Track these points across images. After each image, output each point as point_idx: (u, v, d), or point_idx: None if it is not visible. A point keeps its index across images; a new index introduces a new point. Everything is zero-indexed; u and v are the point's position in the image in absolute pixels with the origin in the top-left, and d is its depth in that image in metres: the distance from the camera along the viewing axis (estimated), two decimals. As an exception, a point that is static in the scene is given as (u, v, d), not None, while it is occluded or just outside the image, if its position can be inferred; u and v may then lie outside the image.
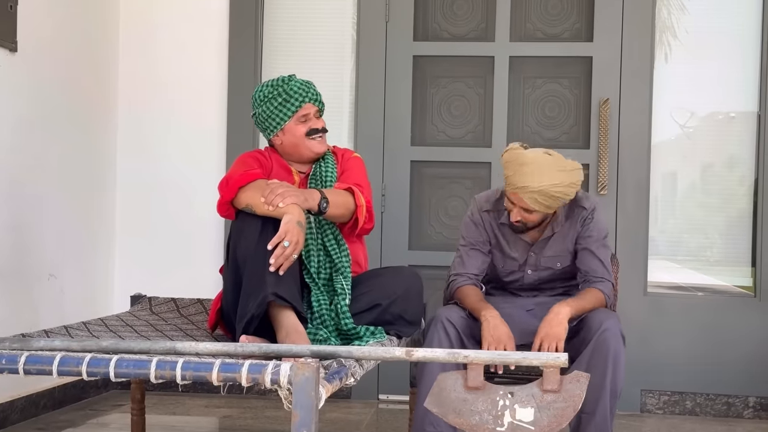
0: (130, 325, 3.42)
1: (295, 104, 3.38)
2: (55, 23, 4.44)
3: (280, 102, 3.38)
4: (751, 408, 4.69)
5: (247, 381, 2.18)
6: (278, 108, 3.38)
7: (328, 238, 3.30)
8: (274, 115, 3.40)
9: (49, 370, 2.26)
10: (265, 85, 3.43)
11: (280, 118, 3.40)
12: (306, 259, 3.23)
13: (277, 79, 3.42)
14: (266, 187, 3.11)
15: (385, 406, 4.80)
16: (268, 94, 3.40)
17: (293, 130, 3.41)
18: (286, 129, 3.41)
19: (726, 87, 4.83)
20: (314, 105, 3.42)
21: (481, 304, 3.39)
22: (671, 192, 4.93)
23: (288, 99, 3.37)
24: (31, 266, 4.28)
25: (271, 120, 3.41)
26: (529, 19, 4.89)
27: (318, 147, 3.43)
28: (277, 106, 3.38)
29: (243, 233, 3.10)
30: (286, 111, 3.38)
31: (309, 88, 3.42)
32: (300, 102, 3.39)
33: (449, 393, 2.36)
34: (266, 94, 3.40)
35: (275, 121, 3.40)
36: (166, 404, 4.69)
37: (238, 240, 3.12)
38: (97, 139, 4.84)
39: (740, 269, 4.87)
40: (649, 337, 4.72)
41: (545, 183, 3.29)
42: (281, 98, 3.37)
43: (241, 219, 3.15)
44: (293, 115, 3.39)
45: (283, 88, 3.38)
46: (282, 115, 3.39)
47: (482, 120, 4.91)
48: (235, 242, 3.14)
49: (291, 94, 3.37)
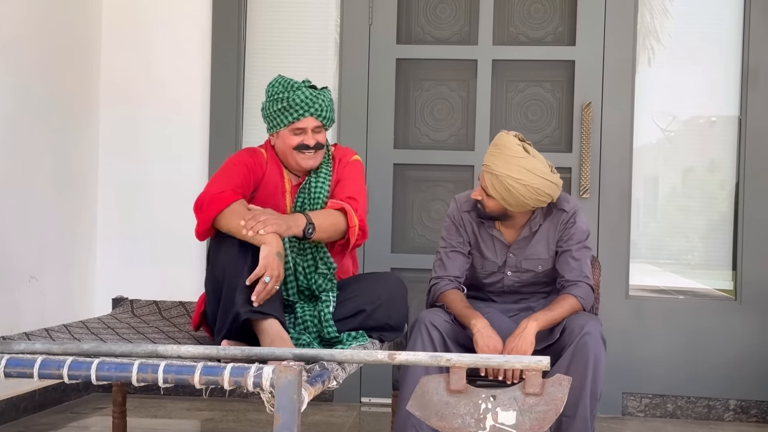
0: (112, 327, 3.41)
1: (293, 115, 3.32)
2: (35, 22, 4.42)
3: (281, 108, 3.33)
4: (731, 411, 4.72)
5: (229, 384, 2.18)
6: (278, 112, 3.34)
7: (308, 264, 3.27)
8: (272, 116, 3.36)
9: (29, 373, 2.25)
10: (278, 83, 3.37)
11: (277, 122, 3.36)
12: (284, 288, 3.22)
13: (287, 82, 3.35)
14: (247, 213, 3.07)
15: (368, 409, 4.79)
16: (275, 94, 3.35)
17: (285, 139, 3.36)
18: (280, 134, 3.38)
19: (708, 91, 4.86)
20: (316, 119, 3.34)
21: (468, 312, 3.39)
22: (653, 195, 4.95)
23: (288, 108, 3.32)
24: (11, 268, 4.25)
25: (270, 120, 3.38)
26: (512, 23, 4.90)
27: (305, 162, 3.37)
28: (277, 110, 3.34)
29: (222, 245, 3.10)
30: (283, 118, 3.34)
31: (314, 102, 3.33)
32: (299, 114, 3.32)
33: (432, 396, 2.36)
34: (272, 94, 3.36)
35: (273, 122, 3.37)
36: (148, 407, 4.67)
37: (217, 253, 3.12)
38: (78, 139, 4.82)
39: (721, 273, 4.89)
40: (630, 340, 4.73)
41: (504, 172, 3.30)
42: (282, 105, 3.32)
43: (220, 234, 3.15)
44: (289, 125, 3.33)
45: (288, 95, 3.31)
46: (279, 121, 3.35)
47: (465, 123, 4.92)
48: (214, 255, 3.14)
49: (293, 104, 3.31)
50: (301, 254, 3.28)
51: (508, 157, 3.33)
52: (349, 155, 3.52)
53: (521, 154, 3.33)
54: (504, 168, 3.31)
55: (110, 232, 5.00)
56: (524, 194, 3.32)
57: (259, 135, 4.94)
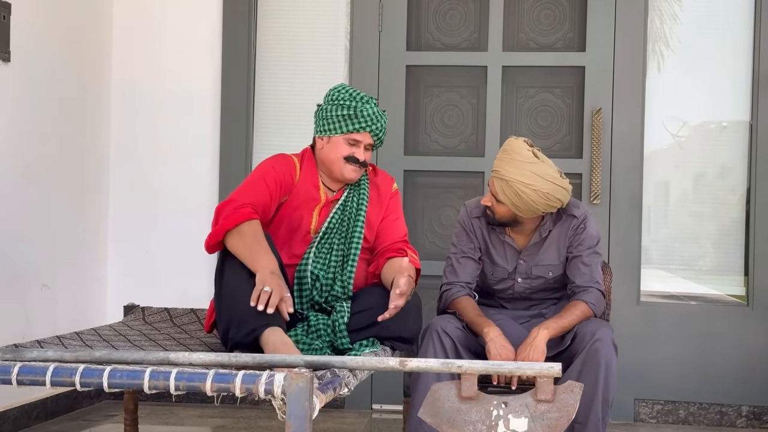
0: (124, 335, 3.41)
1: (355, 125, 3.32)
2: (47, 32, 4.44)
3: (345, 115, 3.32)
4: (744, 417, 4.70)
5: (240, 391, 2.18)
6: (339, 118, 3.32)
7: (329, 275, 3.28)
8: (332, 120, 3.34)
9: (42, 380, 2.25)
10: (345, 89, 3.36)
11: (334, 126, 3.34)
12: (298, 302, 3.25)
13: (357, 93, 3.35)
14: (256, 240, 3.08)
15: (379, 416, 4.79)
16: (341, 99, 3.34)
17: (337, 146, 3.35)
18: (333, 140, 3.36)
19: (718, 96, 4.85)
20: (372, 137, 3.36)
21: (481, 320, 3.38)
22: (664, 201, 4.94)
23: (352, 117, 3.31)
24: (23, 276, 4.27)
25: (327, 122, 3.36)
26: (522, 29, 4.90)
27: (350, 174, 3.36)
28: (340, 116, 3.32)
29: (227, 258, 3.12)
30: (343, 125, 3.32)
31: (377, 121, 3.34)
32: (361, 126, 3.32)
33: (443, 403, 2.36)
34: (338, 99, 3.34)
35: (329, 126, 3.35)
36: (159, 414, 4.68)
37: (223, 266, 3.14)
38: (89, 147, 4.84)
39: (733, 278, 4.88)
40: (642, 346, 4.72)
41: (514, 177, 3.30)
42: (348, 112, 3.31)
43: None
44: (347, 133, 3.33)
45: (356, 105, 3.31)
46: (337, 126, 3.33)
47: (475, 129, 4.92)
48: (219, 270, 3.16)
49: (358, 115, 3.31)
50: (323, 269, 3.29)
51: (518, 162, 3.33)
52: (389, 182, 3.54)
53: (531, 160, 3.33)
54: (514, 173, 3.31)
55: (121, 241, 5.01)
56: (535, 199, 3.31)
57: (270, 138, 4.97)
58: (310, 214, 3.36)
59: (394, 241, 3.40)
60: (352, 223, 3.35)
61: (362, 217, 3.36)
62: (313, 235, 3.36)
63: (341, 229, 3.36)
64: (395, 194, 3.52)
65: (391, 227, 3.43)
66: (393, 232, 3.43)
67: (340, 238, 3.34)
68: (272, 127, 5.01)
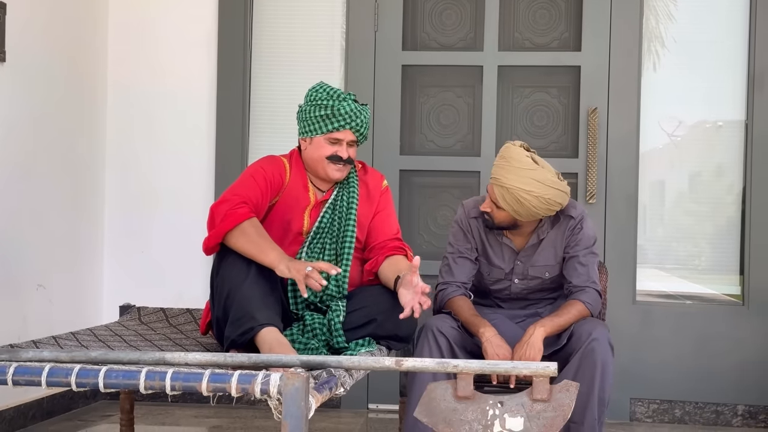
0: (120, 335, 3.41)
1: (334, 125, 3.31)
2: (43, 32, 4.43)
3: (323, 115, 3.31)
4: (739, 416, 4.71)
5: (236, 391, 2.18)
6: (318, 118, 3.32)
7: None
8: (311, 121, 3.33)
9: (38, 381, 2.25)
10: (322, 89, 3.35)
11: (315, 127, 3.33)
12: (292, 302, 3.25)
13: (334, 91, 3.34)
14: (259, 237, 3.09)
15: (375, 416, 4.79)
16: (318, 99, 3.32)
17: (319, 146, 3.34)
18: (314, 141, 3.35)
19: (714, 96, 4.85)
20: (353, 134, 3.34)
21: (476, 320, 3.39)
22: (659, 200, 4.95)
23: (330, 117, 3.30)
24: (19, 276, 4.26)
25: (307, 124, 3.35)
26: (518, 29, 4.91)
27: (334, 174, 3.36)
28: (318, 117, 3.32)
29: (226, 258, 3.12)
30: (322, 125, 3.32)
31: (357, 117, 3.32)
32: (340, 125, 3.31)
33: (439, 402, 2.36)
34: (315, 99, 3.33)
35: (310, 127, 3.34)
36: (156, 414, 4.67)
37: (220, 266, 3.14)
38: (85, 147, 4.83)
39: (729, 277, 4.89)
40: (638, 346, 4.72)
41: (515, 184, 3.30)
42: (326, 112, 3.30)
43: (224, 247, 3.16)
44: (327, 133, 3.32)
45: (333, 104, 3.30)
46: (317, 127, 3.32)
47: (471, 129, 4.92)
48: (217, 268, 3.16)
49: (336, 114, 3.30)
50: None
51: (517, 169, 3.32)
52: (379, 180, 3.52)
53: (531, 166, 3.33)
54: (515, 181, 3.30)
55: (117, 241, 5.01)
56: (536, 205, 3.32)
57: (265, 138, 4.97)
58: (301, 216, 3.36)
59: (389, 238, 3.40)
60: (344, 222, 3.35)
61: (353, 216, 3.36)
62: (305, 236, 3.36)
63: (332, 228, 3.36)
64: (385, 191, 3.51)
65: (383, 223, 3.43)
66: (385, 229, 3.42)
67: (331, 237, 3.34)
68: (268, 127, 5.00)
